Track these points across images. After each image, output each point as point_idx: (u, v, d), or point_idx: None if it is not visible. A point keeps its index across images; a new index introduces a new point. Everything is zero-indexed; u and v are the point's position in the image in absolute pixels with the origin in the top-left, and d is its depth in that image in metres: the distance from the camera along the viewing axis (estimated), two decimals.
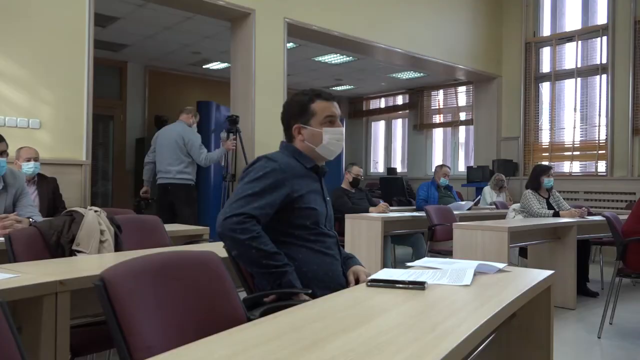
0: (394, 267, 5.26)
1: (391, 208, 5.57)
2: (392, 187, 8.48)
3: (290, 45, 6.58)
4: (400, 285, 1.54)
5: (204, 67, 8.94)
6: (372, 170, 11.81)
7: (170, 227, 3.12)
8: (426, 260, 2.03)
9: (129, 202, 7.92)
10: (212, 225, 3.49)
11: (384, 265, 4.52)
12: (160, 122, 8.60)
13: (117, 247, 2.29)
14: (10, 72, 4.31)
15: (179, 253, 1.44)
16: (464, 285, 1.58)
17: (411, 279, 1.62)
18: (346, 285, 1.82)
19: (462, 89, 10.29)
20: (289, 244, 1.76)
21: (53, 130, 4.53)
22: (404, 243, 5.40)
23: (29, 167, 3.88)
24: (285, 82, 6.10)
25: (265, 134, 5.87)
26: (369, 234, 4.56)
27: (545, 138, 8.41)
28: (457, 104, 10.37)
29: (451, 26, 8.00)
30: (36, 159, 3.96)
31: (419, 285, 1.53)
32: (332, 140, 1.89)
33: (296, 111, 1.91)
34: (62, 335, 1.55)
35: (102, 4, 4.98)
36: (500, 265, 1.87)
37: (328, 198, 1.97)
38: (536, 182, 4.85)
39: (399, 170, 11.00)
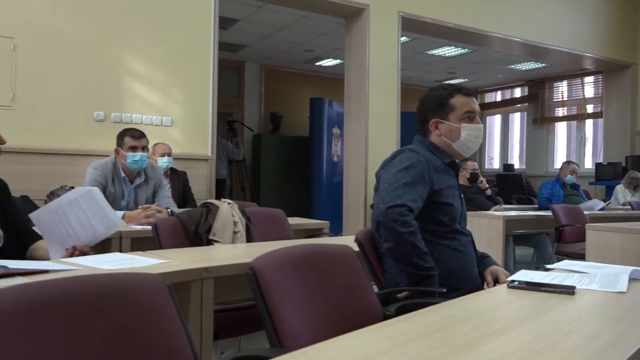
0: (515, 268, 4.99)
1: (510, 207, 5.30)
2: (510, 185, 8.07)
3: (403, 39, 6.48)
4: (547, 289, 1.44)
5: (316, 64, 9.11)
6: (487, 167, 11.33)
7: (292, 220, 3.20)
8: (567, 263, 1.89)
9: (246, 195, 8.30)
10: (331, 220, 3.54)
11: (505, 266, 4.31)
12: (276, 119, 8.92)
13: (249, 238, 2.39)
14: (146, 75, 4.69)
15: (318, 246, 1.46)
16: (619, 292, 1.45)
17: (555, 282, 1.51)
18: (482, 285, 1.75)
19: (589, 79, 9.51)
20: (425, 240, 1.73)
21: (183, 128, 4.87)
22: (526, 244, 5.11)
23: (163, 162, 4.20)
24: (399, 76, 6.02)
25: (378, 129, 5.84)
26: (489, 233, 4.37)
27: None
28: (583, 95, 9.61)
29: (576, 11, 7.42)
30: (169, 154, 4.27)
31: (568, 290, 1.42)
32: (470, 136, 1.83)
33: (434, 105, 1.87)
34: (207, 319, 1.64)
35: (224, 7, 5.24)
36: None
37: (462, 195, 1.91)
38: None
39: (516, 166, 10.44)
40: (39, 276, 1.42)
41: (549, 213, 4.60)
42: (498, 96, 11.38)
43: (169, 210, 2.96)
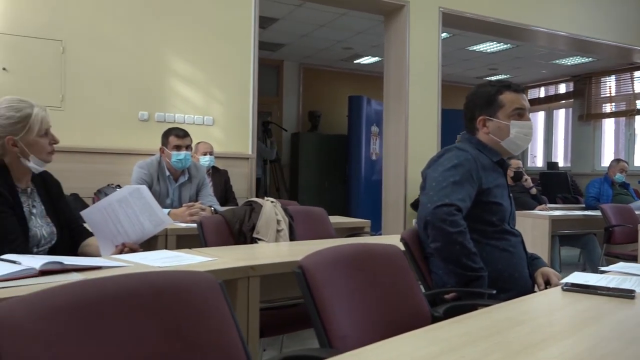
0: (561, 269, 4.84)
1: (556, 206, 5.15)
2: (554, 183, 7.84)
3: (443, 35, 6.38)
4: (604, 292, 1.38)
5: (355, 62, 9.07)
6: (529, 165, 11.05)
7: (332, 219, 3.19)
8: (622, 266, 1.82)
9: (280, 195, 8.34)
10: (369, 219, 3.52)
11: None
12: (314, 118, 8.93)
13: (292, 237, 2.39)
14: (189, 75, 4.77)
15: (366, 245, 1.45)
16: None
17: (612, 285, 1.46)
18: (533, 288, 1.70)
19: (639, 74, 9.14)
20: (474, 241, 1.68)
21: (224, 127, 4.93)
22: (573, 244, 4.95)
23: (205, 160, 4.26)
24: (440, 73, 5.94)
25: (418, 126, 5.77)
26: (534, 233, 4.26)
27: None
28: (633, 90, 9.24)
29: (625, 2, 7.13)
30: (211, 153, 4.33)
31: (627, 294, 1.36)
32: (519, 134, 1.78)
33: (482, 102, 1.83)
34: (253, 317, 1.65)
35: (264, 6, 5.27)
36: None
37: (511, 195, 1.85)
38: None
39: (560, 164, 10.13)
40: (92, 272, 1.45)
41: (597, 213, 4.45)
42: (542, 92, 11.07)
43: (212, 208, 3.00)
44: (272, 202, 2.41)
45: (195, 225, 2.70)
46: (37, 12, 4.25)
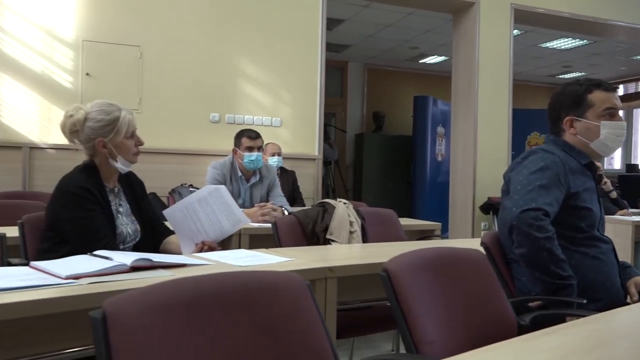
0: None
1: (637, 210, 4.83)
2: (634, 187, 7.39)
3: (514, 32, 6.16)
4: None
5: (420, 61, 8.94)
6: (606, 167, 10.47)
7: (402, 221, 3.15)
8: None
9: (348, 195, 8.34)
10: (435, 221, 3.45)
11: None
12: (378, 118, 8.88)
13: (364, 239, 2.38)
14: (258, 77, 4.87)
15: (448, 249, 1.42)
16: None
17: None
18: (625, 298, 1.60)
19: None
20: (561, 247, 1.61)
21: (291, 128, 4.99)
22: None
23: (273, 161, 4.32)
24: (511, 72, 5.74)
25: (487, 127, 5.61)
26: (616, 240, 3.99)
27: None
28: None
29: None
30: (279, 154, 4.39)
31: None
32: (611, 135, 1.69)
33: (569, 102, 1.74)
34: (330, 319, 1.66)
35: (331, 8, 5.29)
36: None
37: (601, 199, 1.76)
38: None
39: None
40: (179, 270, 1.50)
41: None
42: (620, 90, 10.47)
43: (283, 208, 3.03)
44: (344, 203, 2.41)
45: (266, 225, 2.76)
46: (117, 20, 4.47)
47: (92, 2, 4.40)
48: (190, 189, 4.38)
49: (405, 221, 3.34)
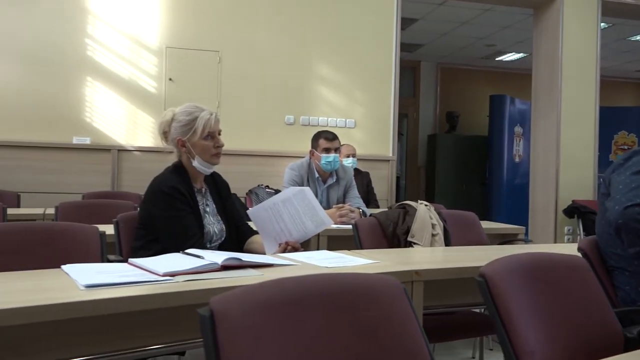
0: None
1: None
2: None
3: (602, 25, 5.81)
4: None
5: (497, 59, 8.65)
6: None
7: (484, 225, 3.05)
8: None
9: (420, 197, 8.20)
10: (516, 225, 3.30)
11: None
12: (452, 118, 8.67)
13: (447, 242, 2.32)
14: (332, 79, 4.89)
15: (546, 255, 1.35)
16: None
17: None
18: None
19: None
20: None
21: (365, 129, 4.97)
22: None
23: (348, 162, 4.31)
24: (598, 68, 5.42)
25: (571, 126, 5.32)
26: None
27: None
28: None
29: None
30: (354, 155, 4.38)
31: None
32: None
33: None
34: None
35: (405, 7, 5.22)
36: None
37: None
38: None
39: None
40: (267, 270, 1.53)
41: None
42: None
43: (361, 210, 3.02)
44: (425, 205, 2.36)
45: (344, 226, 2.75)
46: (198, 27, 4.64)
47: (174, 10, 4.60)
48: (267, 189, 4.47)
49: (485, 224, 3.23)
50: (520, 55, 8.26)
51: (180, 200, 1.90)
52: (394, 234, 2.28)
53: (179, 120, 1.97)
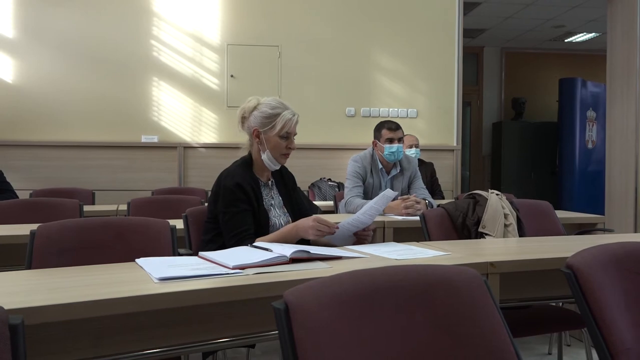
0: None
1: None
2: None
3: None
4: None
5: (566, 40, 8.21)
6: None
7: (560, 214, 2.89)
8: None
9: (485, 187, 7.94)
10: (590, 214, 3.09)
11: None
12: (518, 105, 8.33)
13: (520, 232, 2.21)
14: (392, 68, 4.80)
15: (638, 245, 1.24)
16: None
17: None
18: None
19: None
20: None
21: (427, 119, 4.85)
22: None
23: (411, 153, 4.21)
24: None
25: None
26: None
27: None
28: None
29: None
30: (417, 146, 4.27)
31: None
32: None
33: None
34: None
35: None
36: None
37: None
38: None
39: None
40: (335, 262, 1.50)
41: None
42: None
43: (427, 201, 2.94)
44: (497, 194, 2.26)
45: (411, 218, 2.69)
46: (257, 22, 4.68)
47: (234, 7, 4.66)
48: (329, 182, 4.46)
49: (559, 214, 3.06)
50: (592, 35, 7.79)
51: (242, 199, 1.89)
52: (463, 225, 2.19)
53: (262, 111, 1.98)
